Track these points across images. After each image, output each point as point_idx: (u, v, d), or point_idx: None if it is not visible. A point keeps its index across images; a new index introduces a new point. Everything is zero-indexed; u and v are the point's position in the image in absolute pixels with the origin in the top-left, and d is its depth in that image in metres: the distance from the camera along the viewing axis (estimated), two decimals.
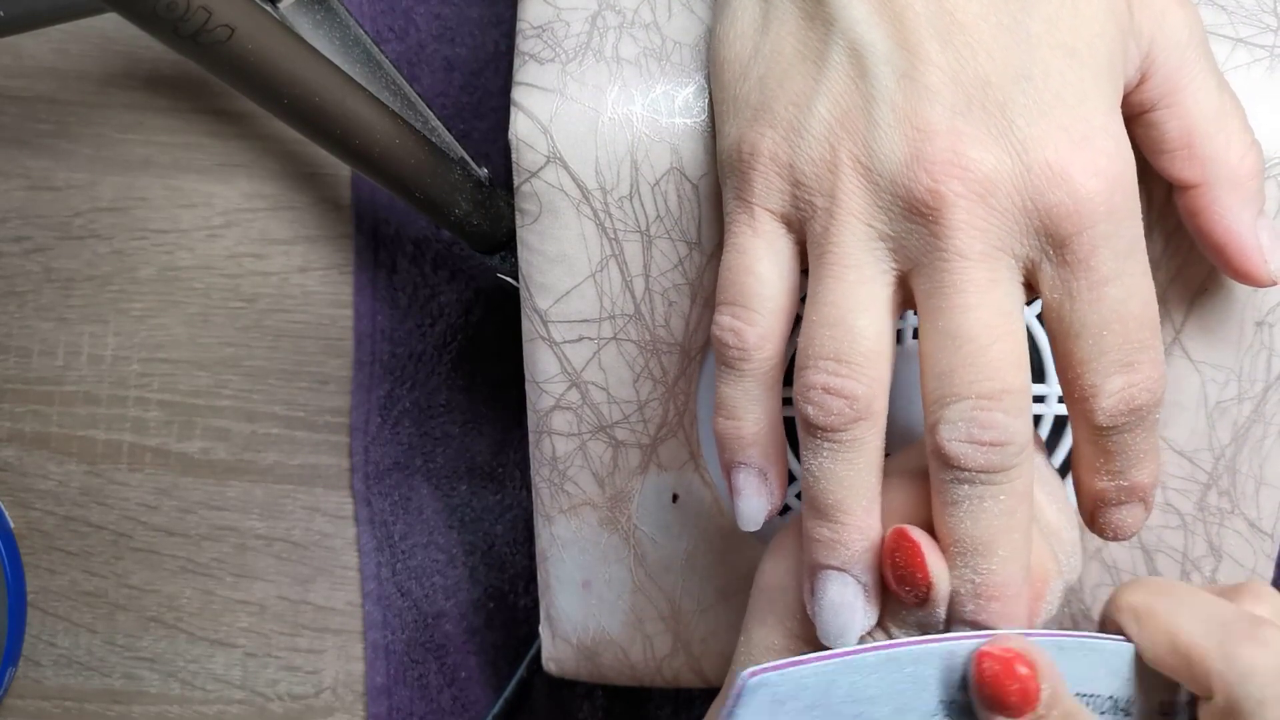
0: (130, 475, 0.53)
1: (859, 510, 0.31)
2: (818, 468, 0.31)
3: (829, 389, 0.30)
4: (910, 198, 0.30)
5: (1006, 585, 0.31)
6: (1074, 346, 0.31)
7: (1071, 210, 0.29)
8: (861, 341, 0.30)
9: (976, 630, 0.31)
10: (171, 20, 0.33)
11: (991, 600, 0.31)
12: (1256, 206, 0.34)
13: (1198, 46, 0.33)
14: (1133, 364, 0.31)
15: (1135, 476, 0.32)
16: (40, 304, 0.53)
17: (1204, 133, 0.33)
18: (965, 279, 0.30)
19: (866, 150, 0.30)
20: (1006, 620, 0.31)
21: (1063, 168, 0.29)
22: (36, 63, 0.52)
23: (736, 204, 0.33)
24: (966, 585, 0.31)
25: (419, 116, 0.47)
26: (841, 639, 0.32)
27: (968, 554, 0.31)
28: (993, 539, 0.30)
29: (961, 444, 0.30)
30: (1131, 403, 0.31)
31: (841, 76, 0.31)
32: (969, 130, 0.30)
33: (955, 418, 0.30)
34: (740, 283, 0.32)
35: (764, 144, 0.32)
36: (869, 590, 0.32)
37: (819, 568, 0.32)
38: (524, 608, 0.53)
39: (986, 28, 0.30)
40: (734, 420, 0.33)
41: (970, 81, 0.30)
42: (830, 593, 0.32)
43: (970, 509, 0.30)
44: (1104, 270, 0.30)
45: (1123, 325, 0.30)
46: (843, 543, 0.31)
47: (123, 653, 0.54)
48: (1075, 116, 0.30)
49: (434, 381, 0.52)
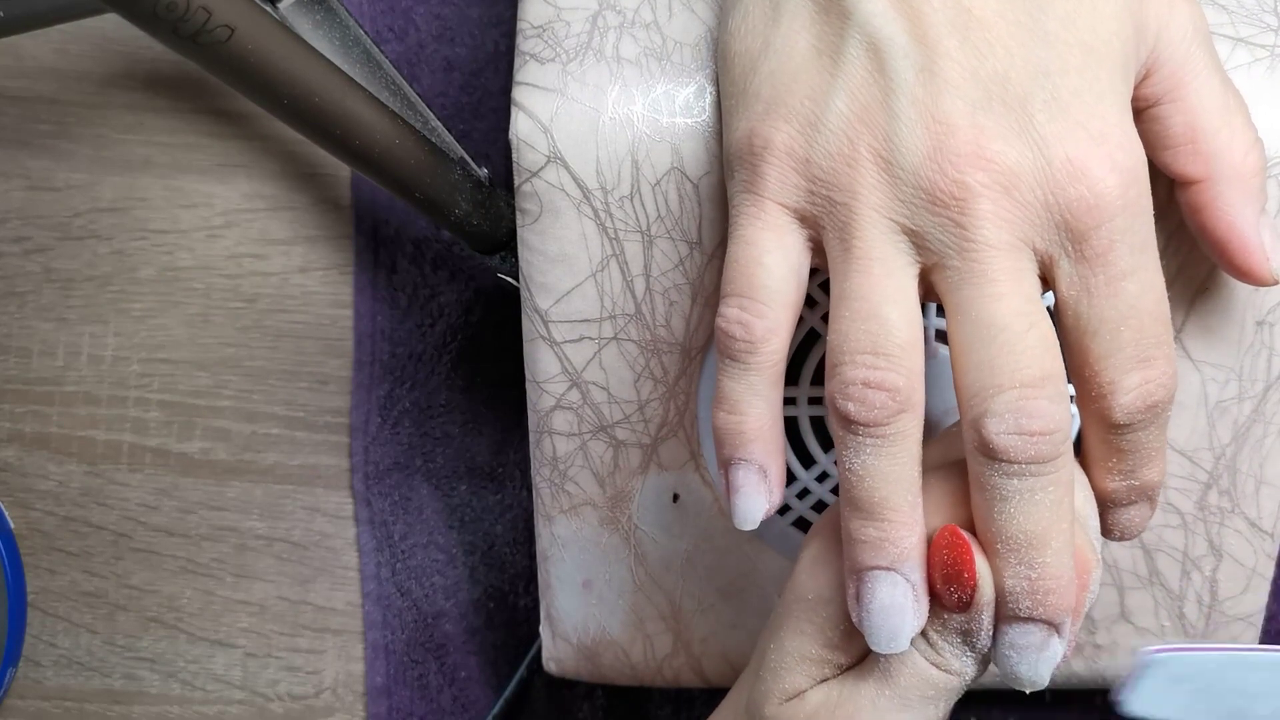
0: (130, 475, 0.53)
1: (905, 506, 0.31)
2: (860, 466, 0.31)
3: (869, 383, 0.30)
4: (934, 190, 0.30)
5: (1061, 577, 0.30)
6: (1091, 343, 0.30)
7: (1091, 205, 0.29)
8: (896, 333, 0.30)
9: (1031, 625, 0.30)
10: (171, 20, 0.33)
11: (1050, 594, 0.30)
12: (1259, 204, 0.33)
13: (1203, 42, 0.33)
14: (1149, 359, 0.30)
15: (1145, 475, 0.32)
16: (40, 304, 0.53)
17: (1208, 128, 0.33)
18: (996, 268, 0.30)
19: (887, 144, 0.30)
20: (1064, 612, 0.30)
21: (1083, 163, 0.29)
22: (36, 63, 0.52)
23: (746, 197, 0.32)
24: (1023, 582, 0.30)
25: (419, 116, 0.47)
26: (894, 643, 0.31)
27: (1021, 549, 0.30)
28: (1045, 532, 0.30)
29: (1010, 436, 0.29)
30: (1149, 399, 0.31)
31: (859, 71, 0.31)
32: (990, 125, 0.30)
33: (1001, 409, 0.29)
34: (748, 274, 0.32)
35: (778, 138, 0.32)
36: (918, 590, 0.31)
37: (866, 569, 0.31)
38: (524, 608, 0.53)
39: (1004, 24, 0.30)
40: (736, 415, 0.33)
41: (989, 77, 0.30)
42: (880, 595, 0.31)
43: (1021, 503, 0.30)
44: (1121, 265, 0.30)
45: (1139, 320, 0.30)
46: (891, 540, 0.31)
47: (123, 653, 0.54)
48: (1092, 113, 0.30)
49: (434, 381, 0.52)
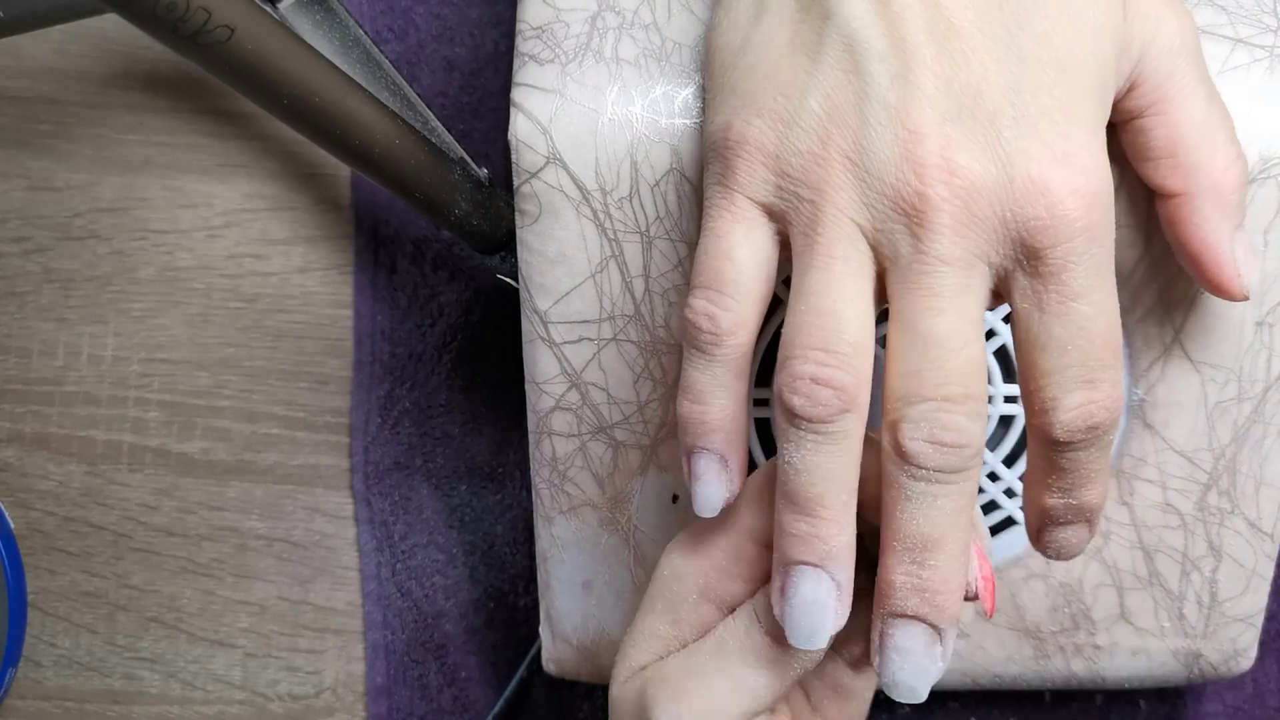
0: (130, 476, 0.53)
1: (839, 505, 0.31)
2: (800, 460, 0.31)
3: (817, 379, 0.30)
4: (898, 197, 0.30)
5: (949, 582, 0.31)
6: (1039, 358, 0.31)
7: (1048, 225, 0.30)
8: (848, 333, 0.31)
9: (914, 623, 0.31)
10: (171, 20, 0.33)
11: (936, 595, 0.31)
12: (1236, 220, 0.34)
13: (1189, 55, 0.33)
14: (1094, 381, 0.31)
15: (1084, 496, 0.32)
16: (40, 304, 0.53)
17: (1189, 143, 0.33)
18: (942, 283, 0.30)
19: (858, 147, 0.30)
20: (947, 616, 0.31)
21: (1045, 183, 0.30)
22: (36, 63, 0.52)
23: (718, 189, 0.33)
24: (911, 579, 0.31)
25: (419, 117, 0.47)
26: (813, 640, 0.32)
27: (916, 549, 0.31)
28: (942, 536, 0.31)
29: (922, 443, 0.30)
30: (1090, 419, 0.31)
31: (835, 71, 0.31)
32: (958, 137, 0.30)
33: (918, 417, 0.30)
34: (717, 267, 0.32)
35: (751, 132, 0.32)
36: (843, 590, 0.32)
37: (793, 563, 0.32)
38: (524, 608, 0.53)
39: (981, 37, 0.30)
40: (700, 405, 0.33)
41: (962, 89, 0.30)
42: (804, 590, 0.31)
43: (923, 505, 0.31)
44: (1075, 285, 0.30)
45: (1088, 342, 0.30)
46: (821, 537, 0.31)
47: (123, 653, 0.54)
48: (1059, 133, 0.30)
49: (434, 381, 0.53)
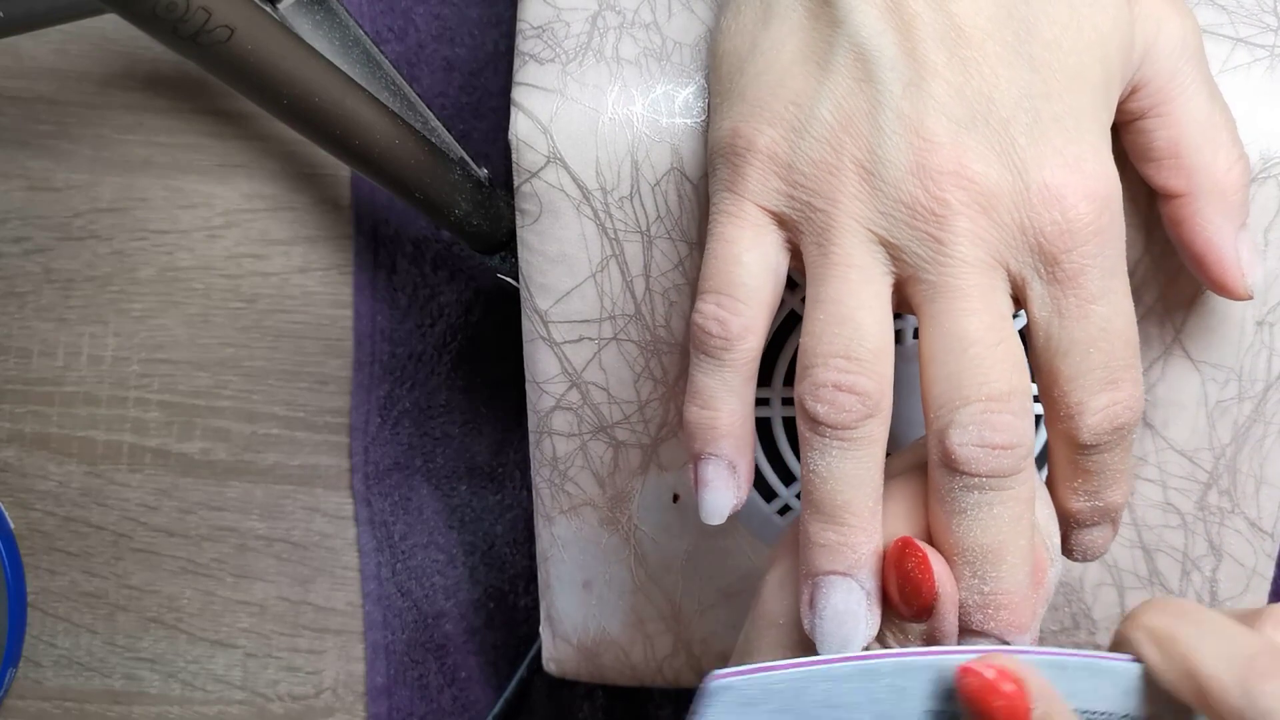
0: (130, 476, 0.53)
1: (866, 511, 0.31)
2: (825, 468, 0.31)
3: (840, 386, 0.30)
4: (914, 204, 0.30)
5: (1015, 592, 0.30)
6: (1061, 364, 0.31)
7: (1064, 230, 0.30)
8: (869, 339, 0.30)
9: (983, 639, 0.30)
10: (171, 21, 0.33)
11: (1001, 609, 0.30)
12: (1239, 220, 0.34)
13: (1192, 57, 0.33)
14: (1117, 381, 0.31)
15: (1109, 497, 0.32)
16: (40, 304, 0.53)
17: (1192, 143, 0.33)
18: (969, 284, 0.30)
19: (871, 155, 0.30)
20: (1015, 628, 0.30)
21: (1059, 190, 0.30)
22: (36, 63, 0.52)
23: (726, 195, 0.33)
24: (975, 595, 0.30)
25: (419, 117, 0.47)
26: (844, 650, 0.31)
27: (976, 562, 0.30)
28: (1002, 546, 0.30)
29: (973, 448, 0.29)
30: (1115, 420, 0.31)
31: (846, 79, 0.31)
32: (973, 144, 0.30)
33: (966, 421, 0.30)
34: (726, 271, 0.32)
35: (761, 140, 0.32)
36: (872, 597, 0.31)
37: (821, 574, 0.31)
38: (524, 608, 0.53)
39: (992, 44, 0.30)
40: (709, 410, 0.33)
41: (974, 96, 0.30)
42: (834, 600, 0.31)
43: (980, 516, 0.30)
44: (1091, 288, 0.30)
45: (1108, 343, 0.30)
46: (849, 545, 0.31)
47: (123, 653, 0.54)
48: (1071, 139, 0.30)
49: (434, 381, 0.52)
